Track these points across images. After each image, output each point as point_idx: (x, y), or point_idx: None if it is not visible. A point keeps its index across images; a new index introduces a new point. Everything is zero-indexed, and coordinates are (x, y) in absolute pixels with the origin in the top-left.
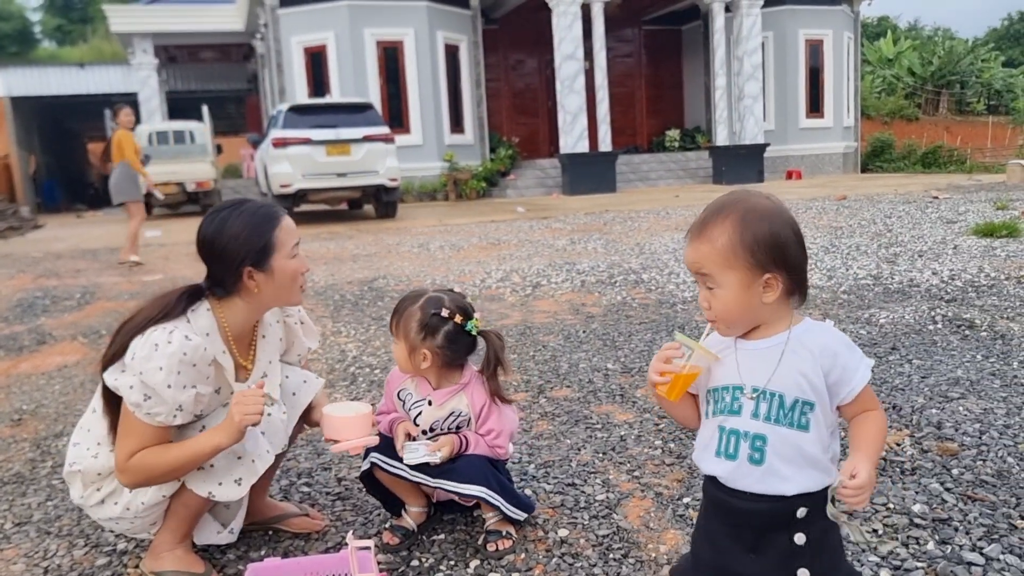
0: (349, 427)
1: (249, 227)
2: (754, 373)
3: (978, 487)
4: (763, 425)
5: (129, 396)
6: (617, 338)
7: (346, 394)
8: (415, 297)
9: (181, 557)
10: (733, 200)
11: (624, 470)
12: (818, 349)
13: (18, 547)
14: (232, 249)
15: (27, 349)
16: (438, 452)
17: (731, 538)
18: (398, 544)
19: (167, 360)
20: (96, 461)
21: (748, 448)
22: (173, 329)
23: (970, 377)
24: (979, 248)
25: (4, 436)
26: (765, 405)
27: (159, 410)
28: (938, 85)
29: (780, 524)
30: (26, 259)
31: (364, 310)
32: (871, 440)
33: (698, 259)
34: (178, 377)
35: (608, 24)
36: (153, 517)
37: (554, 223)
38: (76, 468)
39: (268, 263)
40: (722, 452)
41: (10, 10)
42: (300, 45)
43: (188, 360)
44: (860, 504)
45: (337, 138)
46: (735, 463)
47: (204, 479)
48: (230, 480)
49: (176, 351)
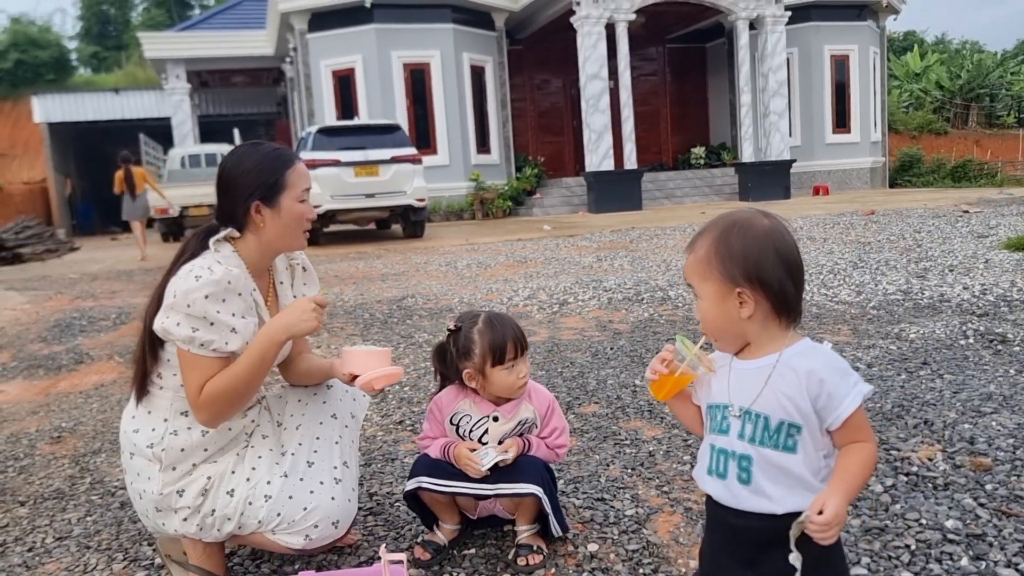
0: (370, 360)
1: (262, 163)
2: (742, 393)
3: (1012, 502)
4: (748, 446)
5: (178, 333)
6: (644, 354)
7: (376, 411)
8: (501, 316)
9: (213, 554)
10: (726, 216)
11: (653, 485)
12: (804, 373)
13: (59, 561)
14: (244, 183)
15: (65, 368)
16: (508, 452)
17: (728, 553)
18: (429, 559)
19: (212, 288)
20: (175, 438)
21: (736, 467)
22: (211, 264)
23: (1003, 392)
24: (1011, 262)
25: (44, 453)
26: (751, 426)
27: (211, 337)
28: (967, 98)
29: (774, 542)
30: (63, 281)
31: (393, 328)
32: (850, 474)
33: (685, 269)
34: (224, 304)
35: (633, 43)
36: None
37: (580, 241)
38: (158, 450)
39: (277, 200)
40: (713, 470)
41: (47, 39)
42: (329, 68)
43: (233, 288)
44: (828, 540)
45: (365, 159)
46: (725, 482)
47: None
48: (327, 523)
49: (221, 279)
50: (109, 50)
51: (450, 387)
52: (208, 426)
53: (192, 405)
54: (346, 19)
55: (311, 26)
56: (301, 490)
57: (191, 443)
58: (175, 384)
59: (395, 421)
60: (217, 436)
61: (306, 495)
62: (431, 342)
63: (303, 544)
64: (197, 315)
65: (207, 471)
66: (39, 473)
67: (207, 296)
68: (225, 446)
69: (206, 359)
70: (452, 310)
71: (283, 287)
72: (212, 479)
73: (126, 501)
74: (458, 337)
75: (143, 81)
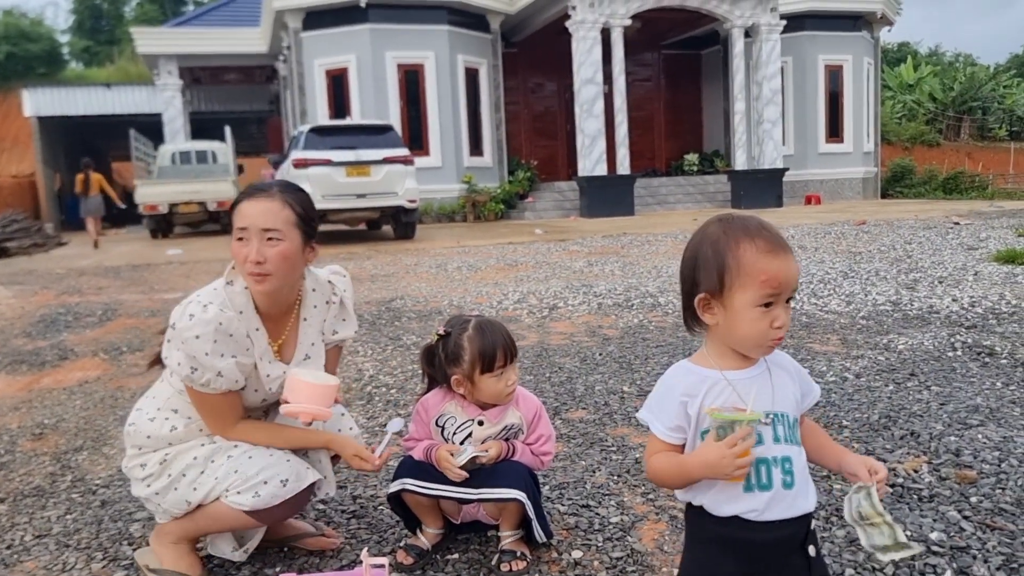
0: (311, 394)
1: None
2: (760, 399)
3: (997, 515)
4: (785, 447)
5: (181, 372)
6: (633, 361)
7: (362, 413)
8: (491, 322)
9: (183, 555)
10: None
11: (639, 492)
12: (792, 368)
13: (37, 559)
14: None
15: (49, 364)
16: (488, 450)
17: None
18: (412, 564)
19: (202, 328)
20: (150, 424)
21: (780, 472)
22: (209, 302)
23: (990, 404)
24: (1000, 275)
25: (25, 450)
26: (781, 427)
27: (207, 378)
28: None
29: (799, 544)
30: (50, 276)
31: (381, 330)
32: (833, 441)
33: (795, 276)
34: (214, 346)
35: (628, 48)
36: (180, 513)
37: (571, 245)
38: (131, 427)
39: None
40: (754, 485)
41: (39, 32)
42: (322, 67)
43: (224, 330)
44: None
45: (357, 159)
46: (771, 492)
47: (243, 487)
48: (276, 480)
49: (212, 319)
50: (101, 45)
51: (437, 389)
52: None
53: (213, 433)
54: (340, 18)
55: (305, 24)
56: (259, 453)
57: (159, 435)
58: (179, 385)
59: (380, 424)
60: (184, 433)
61: (265, 457)
62: (419, 344)
63: (252, 503)
64: (190, 353)
65: (169, 450)
66: (19, 470)
67: (198, 336)
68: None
69: (210, 395)
70: (441, 312)
71: (306, 324)
72: (172, 448)
73: (107, 500)
74: (447, 342)
75: (135, 76)
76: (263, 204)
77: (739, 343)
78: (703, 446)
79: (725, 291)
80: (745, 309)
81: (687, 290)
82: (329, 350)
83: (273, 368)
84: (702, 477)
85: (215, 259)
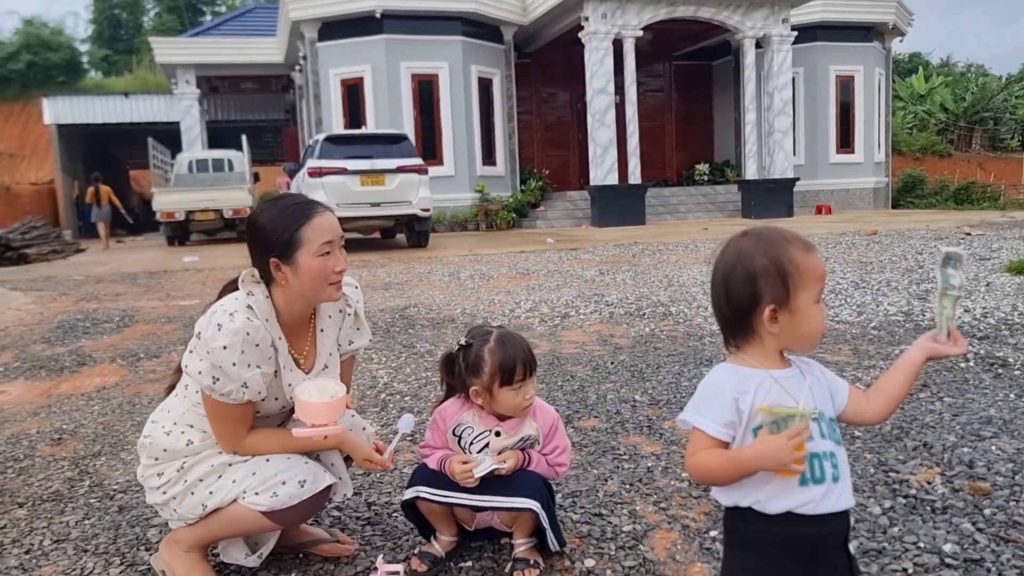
0: (318, 411)
1: (276, 220)
2: (809, 396)
3: (1011, 528)
4: (830, 444)
5: (201, 381)
6: (645, 370)
7: (376, 420)
8: (512, 336)
9: (195, 564)
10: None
11: (651, 501)
12: (816, 368)
13: (56, 564)
14: (260, 238)
15: (68, 370)
16: (506, 461)
17: (798, 573)
18: (426, 571)
19: (230, 339)
20: (167, 438)
21: (831, 467)
22: (235, 311)
23: (1003, 416)
24: (1012, 286)
25: (44, 455)
26: (824, 424)
27: (229, 388)
28: (971, 121)
29: (844, 539)
30: (68, 282)
31: (395, 337)
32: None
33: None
34: (241, 356)
35: (639, 59)
36: (194, 519)
37: (583, 254)
38: (147, 440)
39: (293, 257)
40: (809, 478)
41: (59, 41)
42: (338, 77)
43: (251, 339)
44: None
45: (372, 168)
46: (824, 486)
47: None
48: (295, 481)
49: (239, 329)
50: (120, 54)
51: (456, 398)
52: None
53: (223, 447)
54: (356, 29)
55: (321, 35)
56: (277, 456)
57: (175, 448)
58: (195, 399)
59: (394, 431)
60: (200, 447)
61: (283, 460)
62: (432, 352)
63: (270, 503)
64: (216, 363)
65: (187, 460)
66: (38, 475)
67: (225, 347)
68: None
69: (228, 406)
70: (454, 321)
71: (323, 335)
72: (189, 459)
73: (124, 505)
74: (468, 353)
75: (153, 85)
76: (330, 216)
77: (803, 342)
78: (759, 439)
79: (791, 296)
80: (808, 308)
81: (742, 307)
82: (344, 360)
83: (295, 377)
84: (758, 469)
85: (231, 266)
